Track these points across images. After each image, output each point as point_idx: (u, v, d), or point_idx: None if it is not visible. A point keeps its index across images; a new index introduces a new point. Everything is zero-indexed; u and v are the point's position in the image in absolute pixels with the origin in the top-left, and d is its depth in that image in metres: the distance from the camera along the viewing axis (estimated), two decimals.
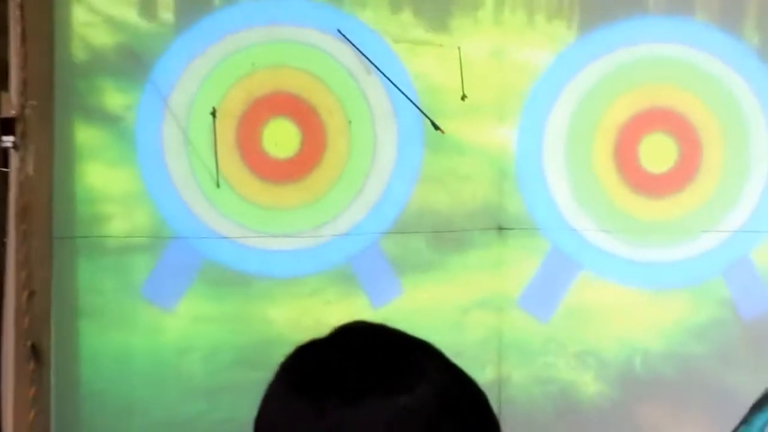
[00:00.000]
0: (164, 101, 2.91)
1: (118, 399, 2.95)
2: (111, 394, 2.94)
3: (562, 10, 3.06)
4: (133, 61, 2.91)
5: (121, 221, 2.93)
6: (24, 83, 2.79)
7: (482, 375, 2.91)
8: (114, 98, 2.91)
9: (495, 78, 3.04)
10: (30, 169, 2.81)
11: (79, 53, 2.89)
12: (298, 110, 2.99)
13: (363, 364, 1.36)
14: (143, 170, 2.93)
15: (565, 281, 3.06)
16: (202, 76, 2.94)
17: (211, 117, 2.92)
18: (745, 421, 1.84)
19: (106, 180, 2.92)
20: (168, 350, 2.97)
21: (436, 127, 2.99)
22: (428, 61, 3.04)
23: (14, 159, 2.82)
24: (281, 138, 2.98)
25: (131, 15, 2.91)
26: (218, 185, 2.93)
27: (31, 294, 2.81)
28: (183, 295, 2.96)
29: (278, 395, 1.39)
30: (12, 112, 2.79)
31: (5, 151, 2.83)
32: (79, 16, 2.88)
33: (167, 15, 2.94)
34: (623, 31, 3.05)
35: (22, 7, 2.78)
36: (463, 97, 3.00)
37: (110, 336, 2.94)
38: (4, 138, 2.80)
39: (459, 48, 3.00)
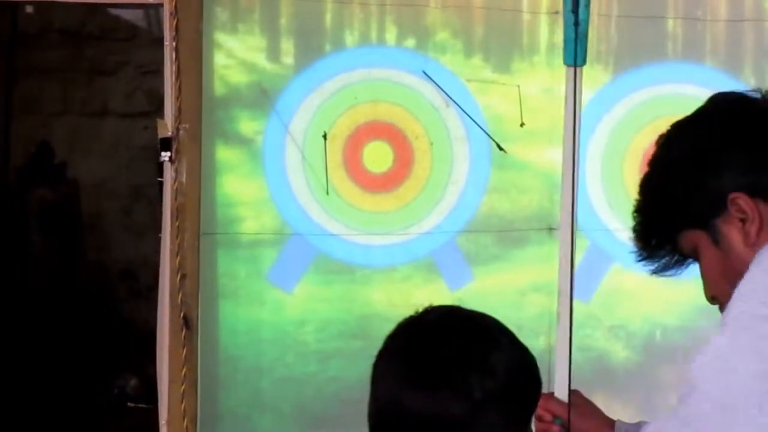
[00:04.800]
0: (286, 127, 3.12)
1: (250, 360, 3.17)
2: (244, 356, 3.16)
3: (600, 56, 3.26)
4: (261, 96, 3.12)
5: (252, 221, 3.13)
6: (178, 110, 3.01)
7: (537, 343, 3.13)
8: (246, 125, 3.13)
9: (547, 110, 3.18)
10: (183, 178, 3.03)
11: (219, 89, 3.10)
12: (391, 135, 3.19)
13: (460, 351, 1.52)
14: (269, 181, 3.14)
15: (601, 271, 3.27)
16: (315, 107, 3.14)
17: (323, 140, 3.13)
18: None
19: (240, 189, 3.13)
20: (288, 323, 3.18)
21: (501, 149, 3.20)
22: (494, 96, 3.23)
23: (168, 171, 3.05)
24: (378, 157, 3.19)
25: (260, 59, 3.13)
26: (328, 193, 3.14)
27: (183, 276, 3.03)
28: (300, 280, 3.17)
29: (402, 384, 1.51)
30: (168, 134, 3.02)
31: (161, 164, 3.06)
32: (219, 60, 3.09)
33: (288, 59, 3.15)
34: (648, 73, 3.27)
35: (176, 50, 3.01)
36: (522, 125, 3.20)
37: (243, 312, 3.15)
38: (163, 153, 3.02)
39: (518, 86, 3.21)
